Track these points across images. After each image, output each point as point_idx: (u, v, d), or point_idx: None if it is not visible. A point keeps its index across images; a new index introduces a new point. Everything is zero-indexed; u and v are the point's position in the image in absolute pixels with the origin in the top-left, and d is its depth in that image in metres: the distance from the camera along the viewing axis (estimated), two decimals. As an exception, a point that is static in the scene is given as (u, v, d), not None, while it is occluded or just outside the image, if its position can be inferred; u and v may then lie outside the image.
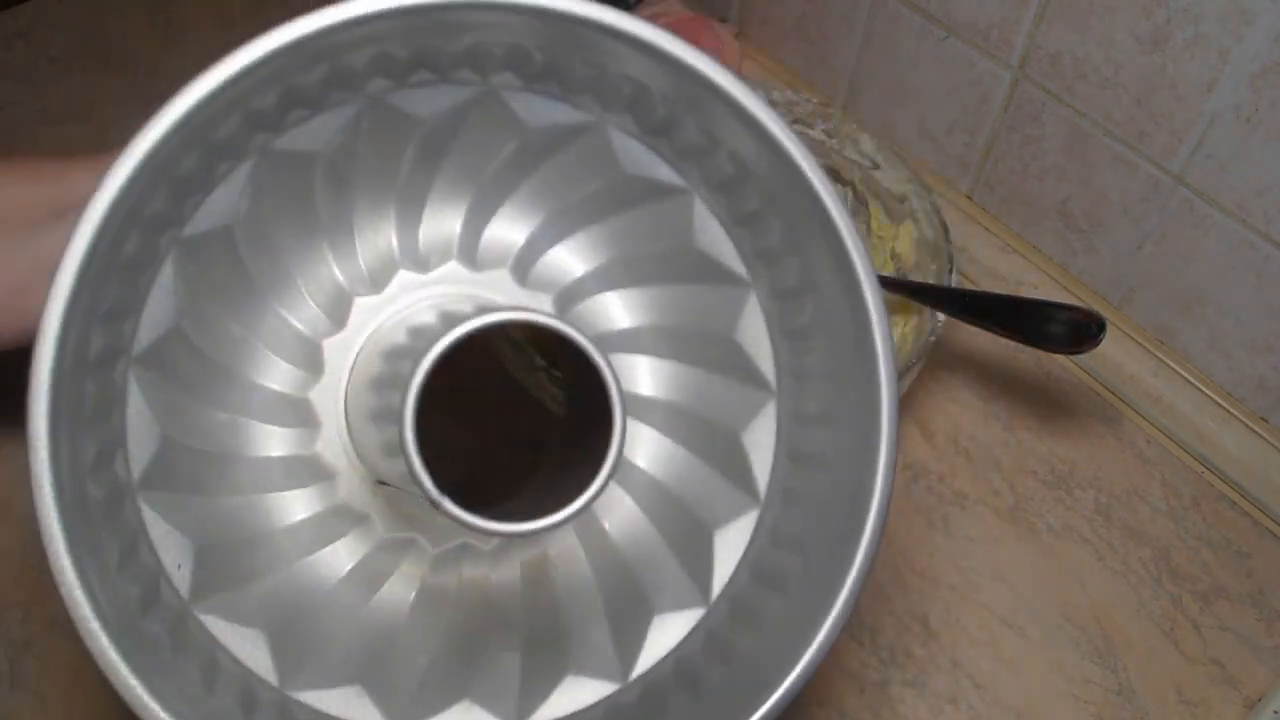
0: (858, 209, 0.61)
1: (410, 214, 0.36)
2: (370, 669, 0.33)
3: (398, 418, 0.28)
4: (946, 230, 0.55)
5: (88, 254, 0.27)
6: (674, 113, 0.34)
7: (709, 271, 0.36)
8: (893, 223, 0.59)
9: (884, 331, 0.32)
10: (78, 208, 0.28)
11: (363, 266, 0.36)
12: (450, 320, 0.29)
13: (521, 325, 0.29)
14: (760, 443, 0.35)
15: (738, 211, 0.36)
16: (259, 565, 0.34)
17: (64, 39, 0.77)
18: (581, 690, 0.33)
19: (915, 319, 0.56)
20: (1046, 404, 0.61)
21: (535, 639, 0.34)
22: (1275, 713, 0.50)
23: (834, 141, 0.61)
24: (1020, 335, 0.53)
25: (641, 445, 0.37)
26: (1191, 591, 0.54)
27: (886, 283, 0.57)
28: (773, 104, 0.60)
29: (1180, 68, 0.51)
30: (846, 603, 0.30)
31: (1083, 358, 0.62)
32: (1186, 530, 0.56)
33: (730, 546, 0.34)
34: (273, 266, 0.35)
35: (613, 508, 0.36)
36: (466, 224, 0.37)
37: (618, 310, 0.38)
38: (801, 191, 0.33)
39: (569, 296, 0.38)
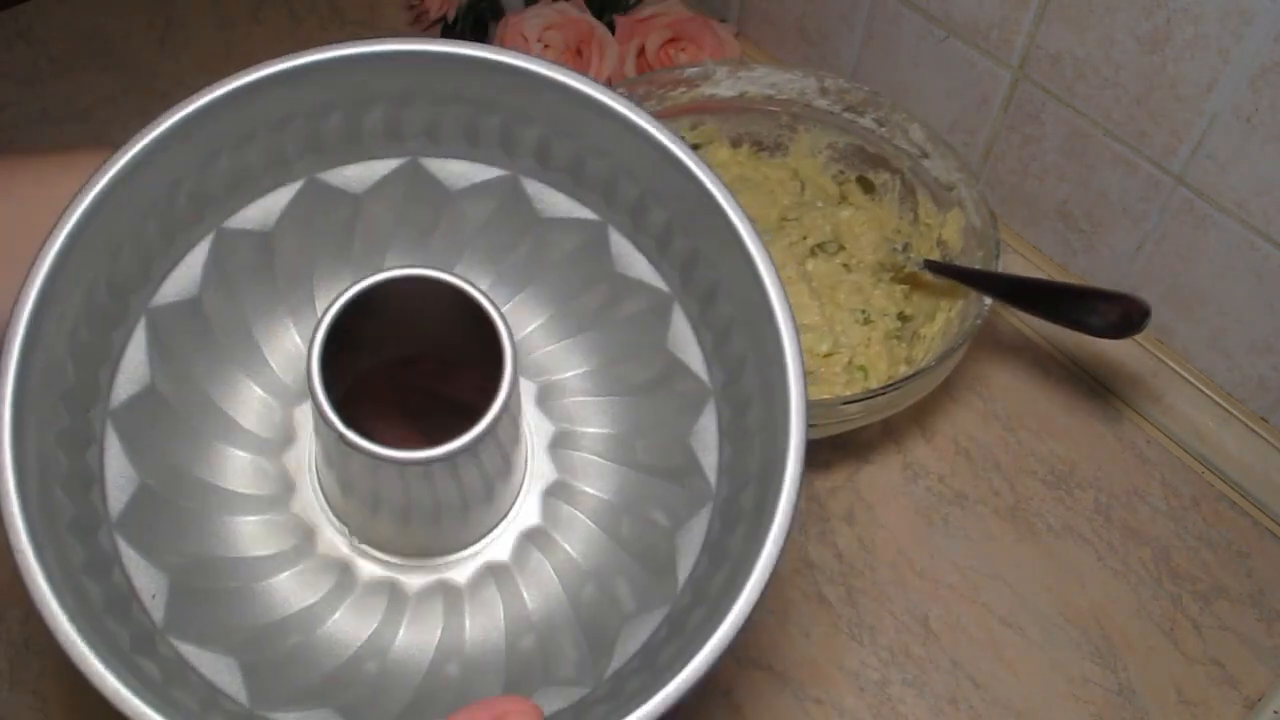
0: (905, 197, 0.62)
1: None
2: (351, 703, 0.34)
3: (306, 369, 0.30)
4: (994, 218, 0.55)
5: (48, 276, 0.30)
6: (570, 146, 0.37)
7: (632, 290, 0.38)
8: (940, 210, 0.59)
9: (773, 278, 0.33)
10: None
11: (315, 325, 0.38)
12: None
13: (416, 280, 0.32)
14: (706, 442, 0.37)
15: (647, 227, 0.38)
16: (237, 610, 0.35)
17: (64, 39, 0.77)
18: (556, 697, 0.34)
19: (961, 304, 0.56)
20: (1046, 404, 0.61)
21: (514, 659, 0.36)
22: (1275, 713, 0.50)
23: (884, 130, 0.61)
24: (1065, 321, 0.53)
25: (591, 474, 0.39)
26: (1191, 591, 0.54)
27: (934, 268, 0.58)
28: (825, 91, 0.62)
29: (1180, 68, 0.51)
30: (769, 559, 0.31)
31: (1083, 357, 0.62)
32: (1186, 530, 0.56)
33: (690, 543, 0.36)
34: (241, 338, 0.37)
35: (575, 532, 0.38)
36: None
37: (564, 358, 0.40)
38: (693, 189, 0.35)
39: (521, 353, 0.40)
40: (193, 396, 0.36)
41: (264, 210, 0.37)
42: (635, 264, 0.38)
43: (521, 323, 0.40)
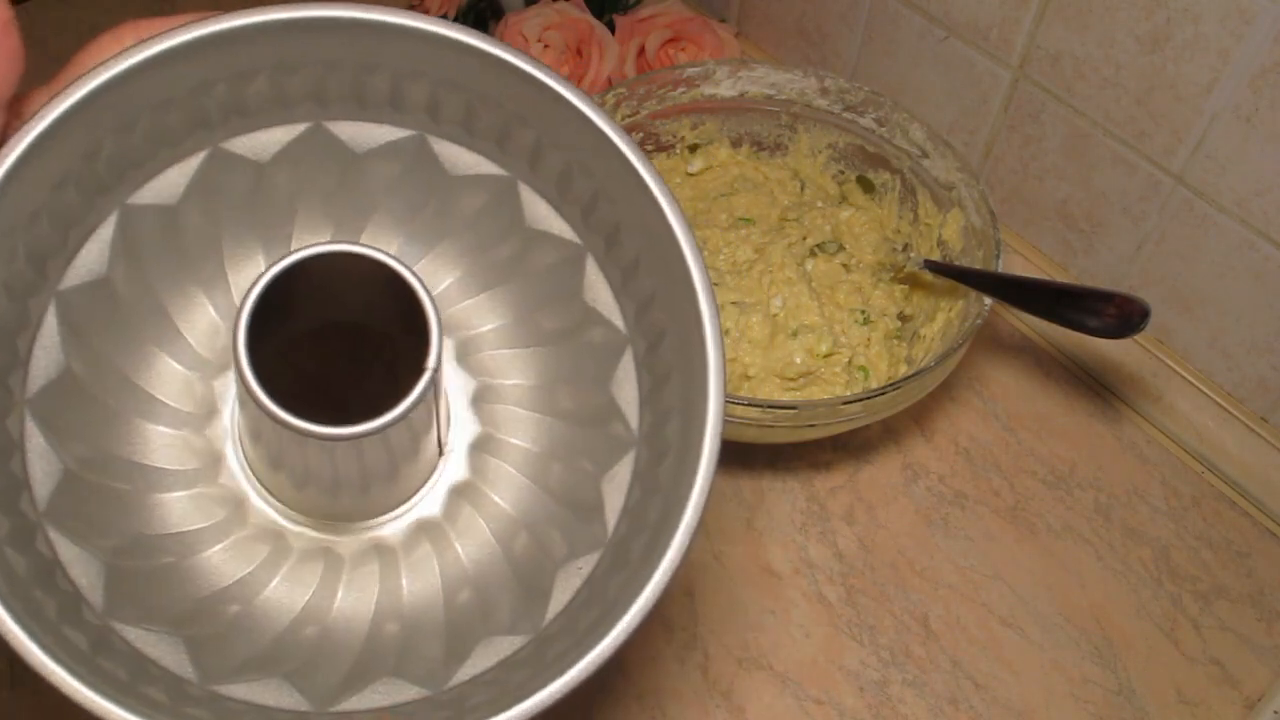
0: (905, 197, 0.62)
1: (277, 250, 0.39)
2: (296, 669, 0.35)
3: (232, 343, 0.30)
4: (994, 218, 0.55)
5: None
6: (477, 106, 0.37)
7: (544, 243, 0.39)
8: (940, 210, 0.59)
9: (685, 230, 0.33)
10: None
11: (238, 304, 0.39)
12: None
13: (342, 255, 0.31)
14: (626, 385, 0.37)
15: (560, 184, 0.38)
16: (175, 587, 0.36)
17: (64, 39, 0.77)
18: (498, 648, 0.35)
19: (961, 304, 0.56)
20: (1046, 404, 0.61)
21: (452, 613, 0.36)
22: (1275, 713, 0.50)
23: (884, 130, 0.61)
24: (1065, 321, 0.53)
25: (516, 426, 0.39)
26: (1191, 591, 0.54)
27: (934, 267, 0.58)
28: (825, 91, 0.62)
29: (1180, 68, 0.51)
30: (703, 482, 0.31)
31: (1083, 357, 0.62)
32: (1186, 530, 0.56)
33: (618, 484, 0.36)
34: (154, 314, 0.37)
35: (503, 483, 0.39)
36: None
37: (481, 313, 0.41)
38: (603, 145, 0.35)
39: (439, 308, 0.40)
40: (110, 376, 0.36)
41: (168, 184, 0.37)
42: (546, 217, 0.39)
43: (436, 279, 0.41)
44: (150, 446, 0.37)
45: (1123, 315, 0.52)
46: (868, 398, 0.50)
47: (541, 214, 0.39)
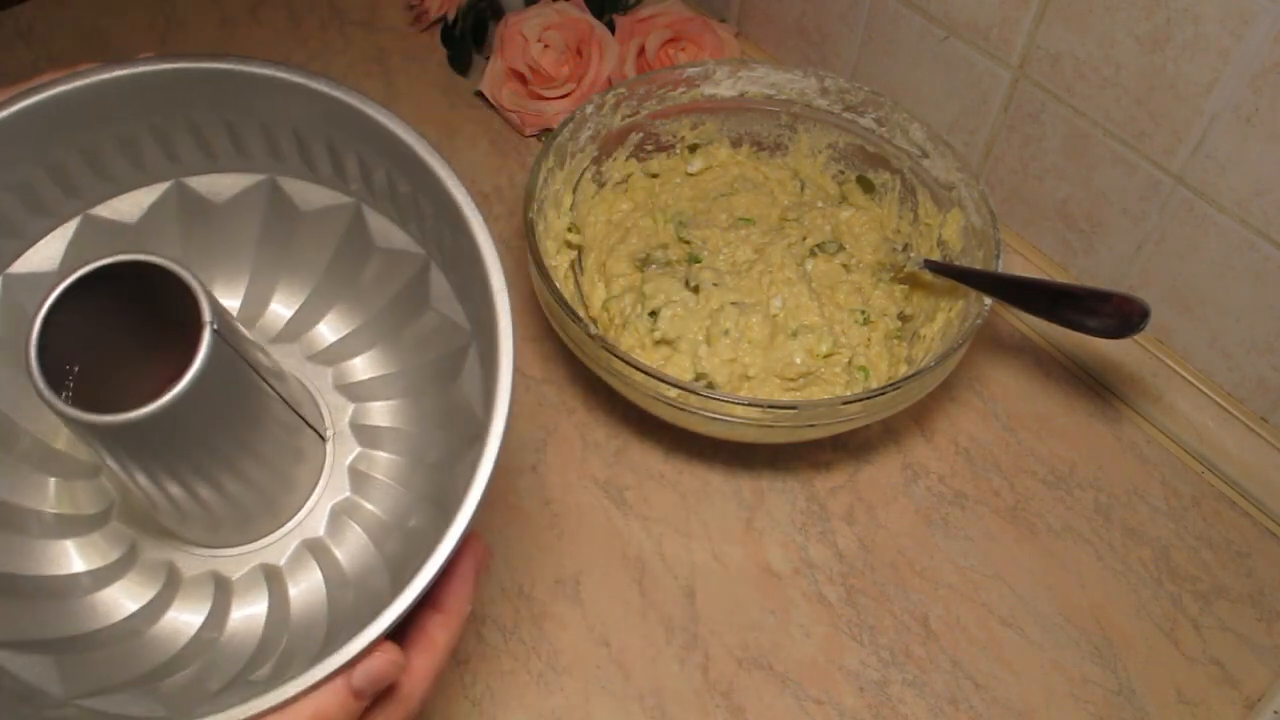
0: (905, 197, 0.62)
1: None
2: (173, 689, 0.36)
3: (24, 355, 0.30)
4: (994, 218, 0.55)
5: None
6: (319, 143, 0.38)
7: (393, 259, 0.41)
8: (940, 210, 0.59)
9: (487, 242, 0.35)
10: None
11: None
12: None
13: (127, 265, 0.31)
14: (472, 382, 0.39)
15: (398, 201, 0.39)
16: (62, 621, 0.37)
17: (64, 39, 0.77)
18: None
19: (961, 304, 0.56)
20: (1046, 404, 0.61)
21: (335, 615, 0.38)
22: (1275, 713, 0.50)
23: (884, 130, 0.61)
24: (1065, 321, 0.53)
25: (388, 441, 0.41)
26: (1191, 591, 0.54)
27: (934, 267, 0.58)
28: (825, 91, 0.62)
29: (1180, 68, 0.51)
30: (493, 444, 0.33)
31: (1083, 357, 0.62)
32: (1186, 530, 0.56)
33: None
34: (17, 393, 0.38)
35: (379, 494, 0.40)
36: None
37: (334, 327, 0.43)
38: (430, 179, 0.36)
39: (295, 332, 0.43)
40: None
41: (44, 254, 0.38)
42: (392, 234, 0.40)
43: (282, 311, 0.43)
44: (44, 494, 0.38)
45: (1122, 315, 0.52)
46: (868, 398, 0.50)
47: (387, 232, 0.40)
